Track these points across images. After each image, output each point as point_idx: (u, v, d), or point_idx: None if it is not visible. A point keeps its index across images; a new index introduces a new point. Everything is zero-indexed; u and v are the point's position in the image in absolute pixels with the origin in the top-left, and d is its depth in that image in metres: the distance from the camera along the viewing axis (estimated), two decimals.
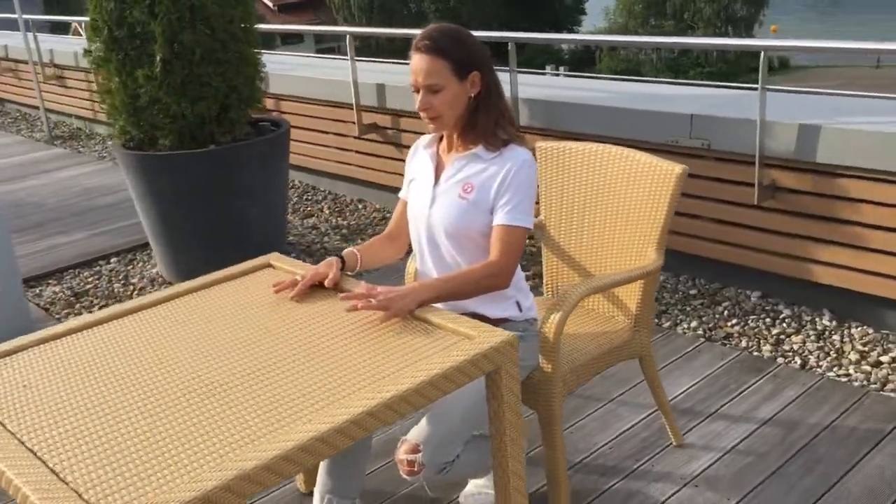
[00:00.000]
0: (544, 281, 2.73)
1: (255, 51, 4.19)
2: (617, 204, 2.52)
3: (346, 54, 4.85)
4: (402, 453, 2.06)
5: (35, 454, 1.52)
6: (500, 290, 2.12)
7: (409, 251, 2.41)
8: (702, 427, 2.75)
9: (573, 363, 2.32)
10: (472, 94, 2.12)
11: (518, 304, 2.26)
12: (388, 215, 5.07)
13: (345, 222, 5.05)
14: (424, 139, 2.34)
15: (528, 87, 4.16)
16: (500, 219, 2.10)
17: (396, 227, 2.37)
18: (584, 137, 3.38)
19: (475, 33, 2.17)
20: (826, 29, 43.20)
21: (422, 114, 2.12)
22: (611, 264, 2.56)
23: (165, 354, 1.85)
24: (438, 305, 2.01)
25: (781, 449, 2.60)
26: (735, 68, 34.20)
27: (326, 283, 2.11)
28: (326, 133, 5.29)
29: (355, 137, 5.08)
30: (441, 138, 2.27)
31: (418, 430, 2.06)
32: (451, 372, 1.71)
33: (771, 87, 3.19)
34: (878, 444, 2.59)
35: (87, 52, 4.14)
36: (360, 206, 5.29)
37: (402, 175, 4.81)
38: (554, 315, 2.18)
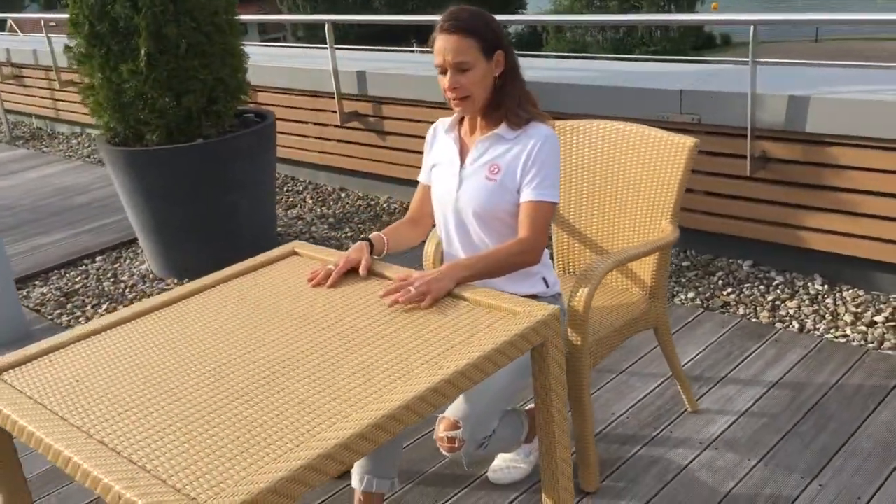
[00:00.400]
0: (555, 258, 2.79)
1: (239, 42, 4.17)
2: (628, 179, 2.59)
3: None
4: (441, 430, 2.10)
5: (107, 446, 1.53)
6: (531, 266, 2.17)
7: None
8: (713, 392, 2.84)
9: (597, 335, 2.38)
10: (497, 74, 2.15)
11: (545, 279, 2.31)
12: (372, 202, 5.09)
13: (329, 211, 5.05)
14: (443, 123, 2.37)
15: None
16: (526, 195, 2.14)
17: (418, 210, 2.40)
18: (575, 118, 3.43)
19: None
20: (765, 6, 43.95)
21: (450, 94, 2.14)
22: (623, 239, 2.63)
23: (213, 344, 1.87)
24: (473, 283, 2.05)
25: (792, 409, 2.70)
26: (679, 46, 34.63)
27: (360, 270, 2.14)
28: (306, 123, 5.28)
29: (336, 126, 5.08)
30: (461, 121, 2.30)
31: (456, 407, 2.10)
32: (504, 346, 1.75)
33: (761, 60, 3.28)
34: (884, 400, 2.70)
35: (67, 48, 4.08)
36: (342, 195, 5.30)
37: (385, 162, 4.91)
38: (582, 289, 2.24)
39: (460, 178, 2.23)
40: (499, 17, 2.25)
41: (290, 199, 5.31)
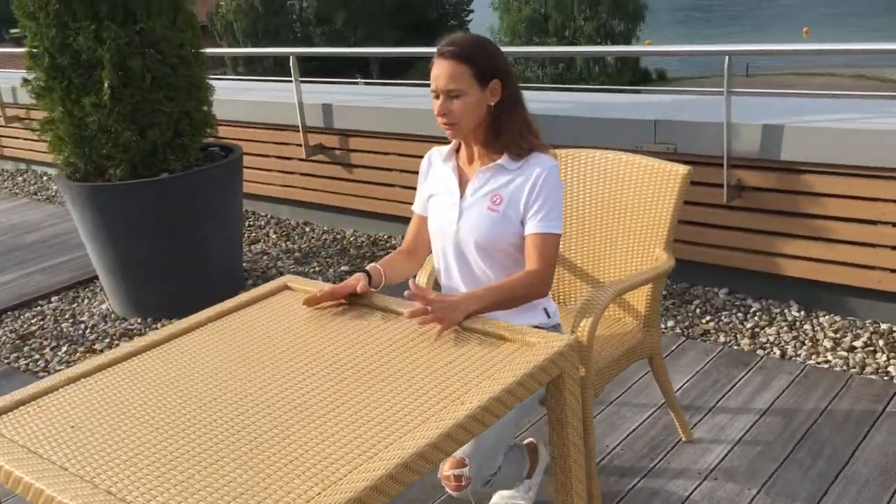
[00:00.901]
0: None
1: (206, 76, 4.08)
2: (621, 208, 2.57)
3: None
4: (447, 469, 2.03)
5: (116, 496, 1.43)
6: (540, 298, 2.13)
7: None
8: (706, 421, 2.82)
9: (597, 366, 2.34)
10: (492, 103, 2.12)
11: (546, 310, 2.27)
12: (338, 236, 5.01)
13: (294, 246, 4.96)
14: (438, 152, 2.33)
15: None
16: (532, 227, 2.11)
17: (414, 241, 2.35)
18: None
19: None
20: (692, 39, 45.24)
21: (439, 119, 2.11)
22: (616, 268, 2.61)
23: (218, 384, 1.78)
24: (482, 315, 2.01)
25: (786, 436, 2.70)
26: (616, 80, 35.42)
27: (358, 289, 2.09)
28: (268, 156, 5.19)
29: (300, 159, 5.00)
30: (458, 150, 2.27)
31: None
32: (524, 379, 1.70)
33: (735, 90, 3.32)
34: (875, 424, 2.71)
35: (25, 81, 3.94)
36: (306, 229, 5.21)
37: (352, 195, 4.85)
38: (586, 320, 2.20)
39: (461, 208, 2.18)
40: (506, 49, 2.23)
41: (253, 234, 5.20)
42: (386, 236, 4.88)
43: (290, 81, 4.76)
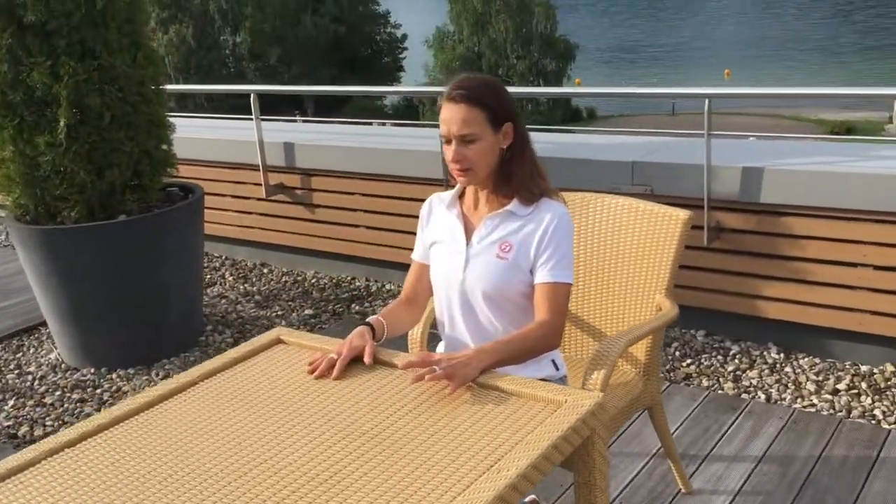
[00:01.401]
0: None
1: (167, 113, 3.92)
2: (621, 254, 2.51)
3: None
4: None
5: None
6: (552, 350, 2.04)
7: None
8: (702, 471, 2.76)
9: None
10: (505, 146, 2.05)
11: (554, 362, 2.18)
12: (299, 278, 4.85)
13: (253, 288, 4.78)
14: (438, 198, 2.23)
15: None
16: (543, 276, 2.02)
17: (414, 290, 2.24)
18: None
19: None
20: (622, 81, 46.61)
21: (452, 165, 2.01)
22: (616, 316, 2.54)
23: (221, 451, 1.63)
24: (496, 370, 1.90)
25: (786, 485, 2.65)
26: (548, 119, 36.09)
27: (366, 359, 1.95)
28: (224, 196, 5.02)
29: (259, 199, 4.85)
30: (461, 196, 2.18)
31: None
32: (559, 442, 1.60)
33: (715, 132, 3.32)
34: (872, 470, 2.69)
35: None
36: (264, 271, 5.04)
37: (314, 235, 4.71)
38: (598, 372, 2.12)
39: (467, 256, 2.08)
40: (514, 90, 2.15)
41: (209, 277, 5.00)
42: (349, 278, 4.75)
43: (251, 119, 4.62)
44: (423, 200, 4.18)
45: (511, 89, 2.19)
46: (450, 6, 41.33)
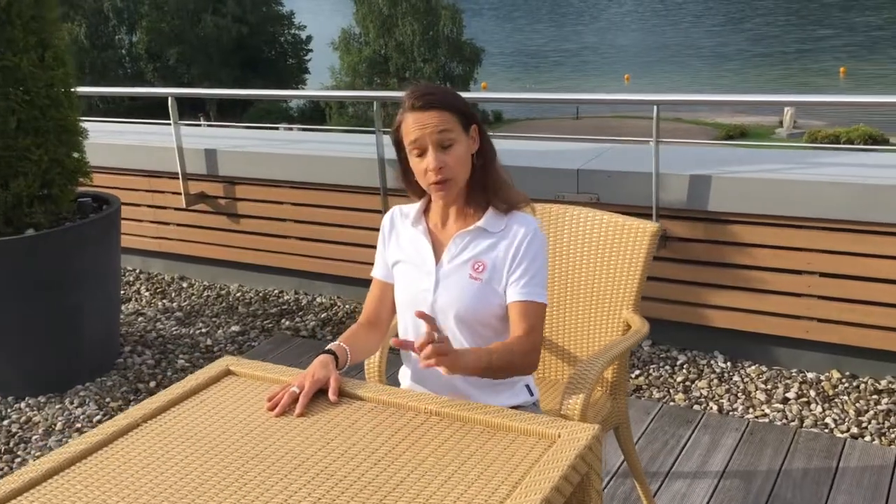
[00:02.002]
0: None
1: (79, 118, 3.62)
2: (586, 268, 2.40)
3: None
4: None
5: None
6: (532, 370, 1.89)
7: None
8: (666, 489, 2.67)
9: None
10: (474, 151, 1.91)
11: (528, 387, 2.05)
12: (222, 292, 4.59)
13: (173, 304, 4.50)
14: (401, 212, 2.06)
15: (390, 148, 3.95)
16: (515, 295, 1.88)
17: (376, 312, 2.06)
18: None
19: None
20: (526, 85, 47.28)
21: (432, 176, 1.84)
22: (581, 333, 2.43)
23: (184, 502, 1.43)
24: (466, 401, 1.75)
25: (751, 501, 2.59)
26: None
27: (331, 395, 1.77)
28: (139, 206, 4.71)
29: (177, 209, 4.57)
30: (426, 211, 2.01)
31: None
32: (561, 484, 1.46)
33: (664, 139, 3.26)
34: (834, 483, 2.66)
35: None
36: (183, 285, 4.75)
37: (237, 247, 4.46)
38: (576, 396, 1.99)
39: (437, 277, 1.93)
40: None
41: (123, 292, 4.68)
42: (277, 291, 4.51)
43: (169, 124, 4.34)
44: (358, 211, 4.04)
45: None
46: (355, 8, 41.02)
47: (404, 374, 2.09)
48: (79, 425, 3.31)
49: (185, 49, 40.83)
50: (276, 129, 9.73)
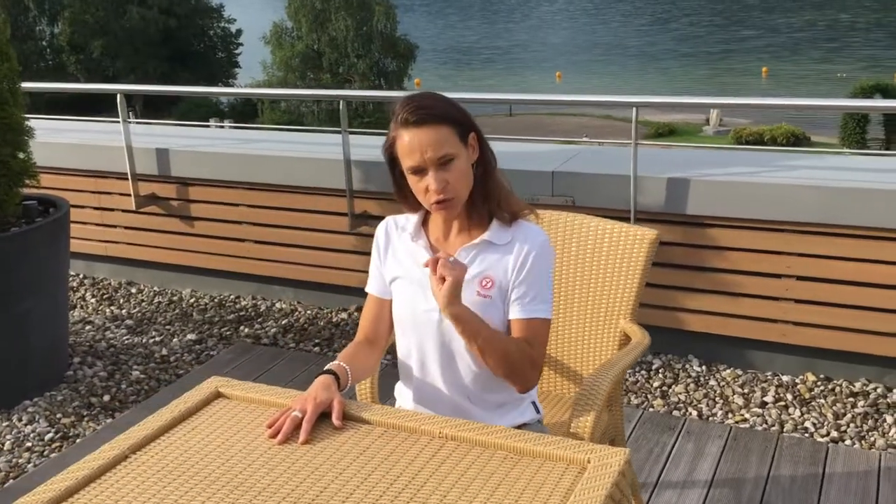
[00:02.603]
0: None
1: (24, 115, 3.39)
2: (582, 276, 2.32)
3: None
4: None
5: None
6: (530, 382, 1.78)
7: None
8: (656, 500, 2.62)
9: None
10: (474, 160, 1.80)
11: (534, 405, 1.96)
12: (175, 298, 4.39)
13: (122, 311, 4.28)
14: (395, 223, 1.93)
15: (360, 149, 3.82)
16: (517, 312, 1.78)
17: (374, 330, 1.93)
18: None
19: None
20: (458, 83, 47.49)
21: (434, 197, 1.73)
22: (577, 343, 2.35)
23: None
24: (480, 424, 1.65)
25: None
26: (390, 116, 36.04)
27: (335, 421, 1.65)
28: (84, 208, 4.47)
29: (125, 211, 4.35)
30: (425, 222, 1.90)
31: None
32: None
33: (643, 142, 3.21)
34: (822, 489, 2.64)
35: None
36: (132, 290, 4.53)
37: (191, 251, 4.27)
38: (587, 415, 1.91)
39: None
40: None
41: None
42: (233, 297, 4.33)
43: (118, 122, 4.11)
44: (322, 213, 3.90)
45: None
46: (287, 2, 40.41)
47: (403, 394, 1.97)
48: (29, 444, 3.09)
49: (109, 41, 39.68)
50: (207, 125, 9.51)
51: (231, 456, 1.57)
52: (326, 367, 1.77)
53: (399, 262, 1.89)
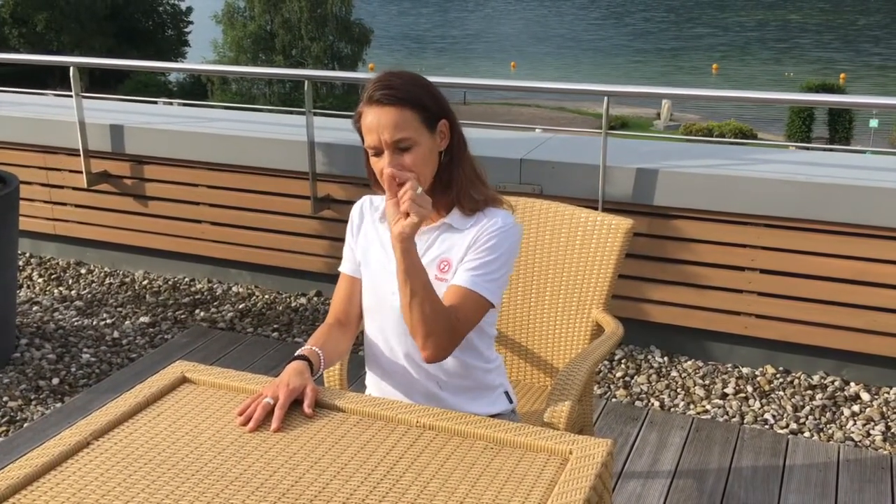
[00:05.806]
0: None
1: None
2: (553, 266, 2.30)
3: None
4: None
5: None
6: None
7: None
8: (620, 490, 2.62)
9: None
10: (443, 148, 1.75)
11: (507, 394, 1.93)
12: (126, 280, 4.26)
13: (71, 292, 4.14)
14: (370, 203, 1.89)
15: (324, 131, 3.74)
16: (461, 279, 1.71)
17: (345, 310, 1.88)
18: None
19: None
20: (412, 67, 47.46)
21: (390, 181, 1.66)
22: (549, 332, 2.33)
23: None
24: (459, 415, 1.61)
25: (706, 501, 2.56)
26: (344, 103, 35.87)
27: (306, 408, 1.59)
28: (31, 184, 4.31)
29: (76, 189, 4.20)
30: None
31: None
32: None
33: (613, 132, 3.19)
34: (784, 481, 2.66)
35: None
36: (81, 271, 4.39)
37: (144, 231, 4.15)
38: (562, 405, 1.88)
39: None
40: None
41: None
42: (188, 279, 4.22)
43: (70, 96, 3.97)
44: (282, 196, 3.81)
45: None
46: None
47: (374, 381, 1.92)
48: None
49: (54, 15, 38.66)
50: (155, 103, 9.31)
51: (201, 443, 1.51)
52: (298, 353, 1.71)
53: (367, 243, 1.84)
